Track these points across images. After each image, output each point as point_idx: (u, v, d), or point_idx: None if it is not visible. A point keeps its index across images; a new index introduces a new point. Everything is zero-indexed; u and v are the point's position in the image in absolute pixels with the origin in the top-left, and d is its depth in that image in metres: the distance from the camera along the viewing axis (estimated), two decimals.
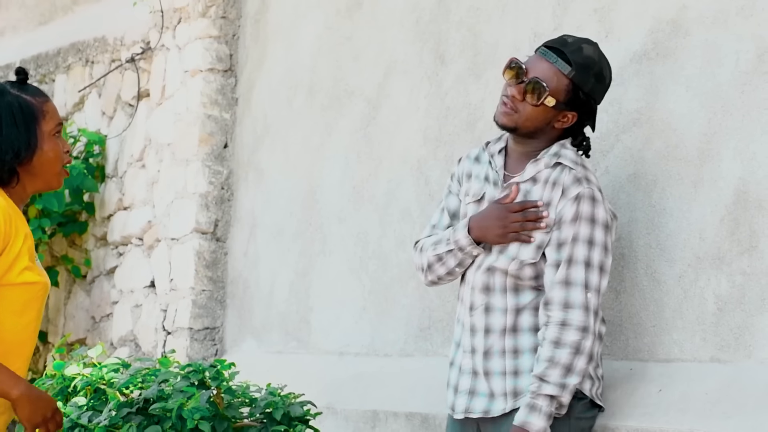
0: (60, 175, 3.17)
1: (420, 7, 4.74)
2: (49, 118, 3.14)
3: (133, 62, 6.12)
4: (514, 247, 3.46)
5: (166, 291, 5.74)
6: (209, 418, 4.01)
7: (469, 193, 3.60)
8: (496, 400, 3.47)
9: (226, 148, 5.69)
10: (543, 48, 3.53)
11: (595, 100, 3.54)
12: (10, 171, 3.09)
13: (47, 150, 3.12)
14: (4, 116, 3.07)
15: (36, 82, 7.22)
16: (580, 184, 3.44)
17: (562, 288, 3.39)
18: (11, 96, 3.10)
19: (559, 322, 3.37)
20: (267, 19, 5.58)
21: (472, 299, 3.52)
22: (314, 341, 5.10)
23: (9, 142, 3.07)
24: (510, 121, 3.50)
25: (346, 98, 5.07)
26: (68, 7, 7.22)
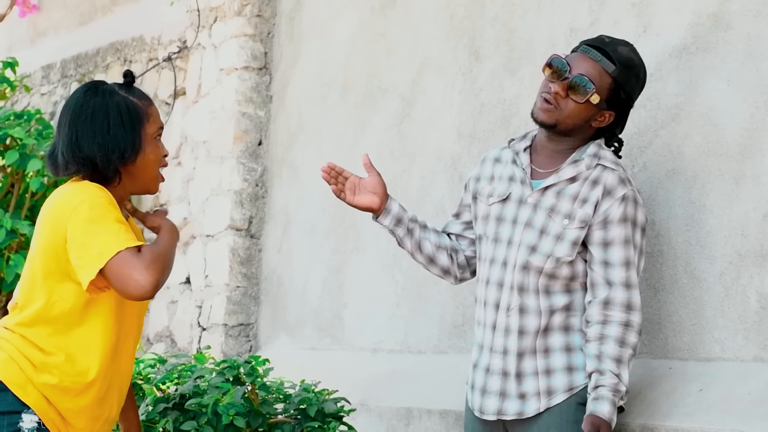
0: (157, 179, 3.12)
1: (454, 3, 4.60)
2: (153, 121, 3.09)
3: (170, 61, 6.07)
4: (548, 243, 3.32)
5: (201, 287, 5.66)
6: (244, 413, 3.96)
7: (494, 194, 3.45)
8: (528, 400, 3.34)
9: (261, 145, 5.60)
10: (585, 46, 3.40)
11: (632, 100, 3.42)
12: (114, 171, 3.03)
13: (149, 152, 3.07)
14: (112, 116, 3.03)
15: (76, 81, 7.15)
16: (624, 185, 3.33)
17: (624, 290, 3.29)
18: (119, 97, 3.06)
19: (623, 323, 3.28)
20: (301, 17, 5.48)
21: (508, 299, 3.36)
22: (347, 338, 4.99)
23: (116, 142, 3.02)
24: (550, 118, 3.36)
25: (380, 95, 4.95)
26: (107, 7, 7.17)
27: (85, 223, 2.92)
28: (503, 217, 3.41)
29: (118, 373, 3.08)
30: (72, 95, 3.09)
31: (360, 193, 3.49)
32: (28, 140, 5.82)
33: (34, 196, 5.99)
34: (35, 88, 7.61)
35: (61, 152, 3.03)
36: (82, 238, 2.92)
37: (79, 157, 3.01)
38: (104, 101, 3.04)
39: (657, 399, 3.51)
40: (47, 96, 7.50)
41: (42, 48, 7.81)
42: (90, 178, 3.03)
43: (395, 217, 3.50)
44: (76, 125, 3.03)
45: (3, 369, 2.98)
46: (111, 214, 2.93)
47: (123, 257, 2.88)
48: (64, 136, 3.04)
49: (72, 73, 7.23)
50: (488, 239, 3.42)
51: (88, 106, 3.03)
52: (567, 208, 3.33)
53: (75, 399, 3.00)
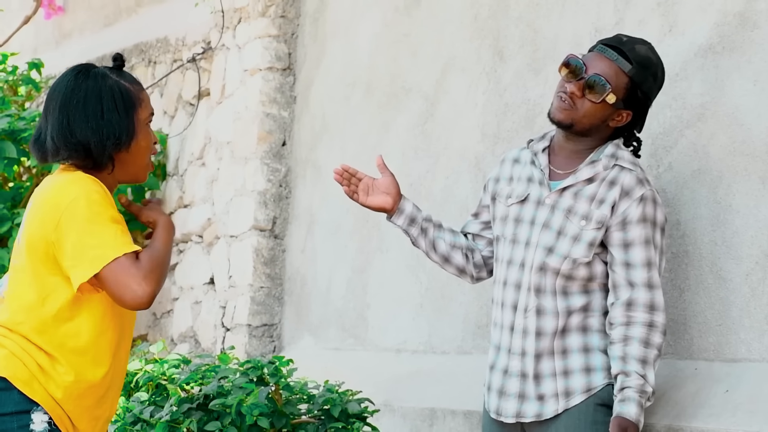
0: (147, 168, 3.00)
1: (479, 3, 4.58)
2: (145, 107, 2.97)
3: (194, 62, 6.06)
4: (565, 244, 3.29)
5: (225, 288, 5.66)
6: (268, 414, 3.94)
7: (512, 195, 3.42)
8: (547, 402, 3.31)
9: (285, 145, 5.59)
10: (601, 45, 3.37)
11: (650, 99, 3.39)
12: (109, 157, 2.91)
13: (141, 139, 2.95)
14: (105, 100, 2.90)
15: None
16: (643, 185, 3.30)
17: (647, 290, 3.26)
18: (112, 80, 2.93)
19: (647, 323, 3.25)
20: (325, 17, 5.47)
21: (525, 301, 3.33)
22: (371, 338, 4.98)
23: (111, 127, 2.90)
24: (567, 118, 3.33)
25: (404, 95, 4.94)
26: (132, 9, 7.18)
27: (82, 221, 2.80)
28: (521, 218, 3.38)
29: (118, 372, 2.99)
30: (61, 78, 2.94)
31: (373, 193, 3.48)
32: None
33: None
34: None
35: (51, 137, 2.89)
36: (76, 236, 2.79)
37: (72, 142, 2.88)
38: (97, 85, 2.90)
39: (683, 400, 3.48)
40: None
41: (67, 49, 7.82)
42: (81, 165, 2.90)
43: (408, 217, 3.48)
44: (67, 109, 2.89)
45: (5, 365, 2.87)
46: (108, 213, 2.82)
47: (121, 264, 2.77)
48: (54, 120, 2.89)
49: None
50: (506, 240, 3.39)
51: (79, 90, 2.90)
52: (584, 209, 3.30)
53: (77, 400, 2.91)
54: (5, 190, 6.17)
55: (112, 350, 2.95)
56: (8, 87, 6.73)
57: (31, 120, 6.02)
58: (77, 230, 2.80)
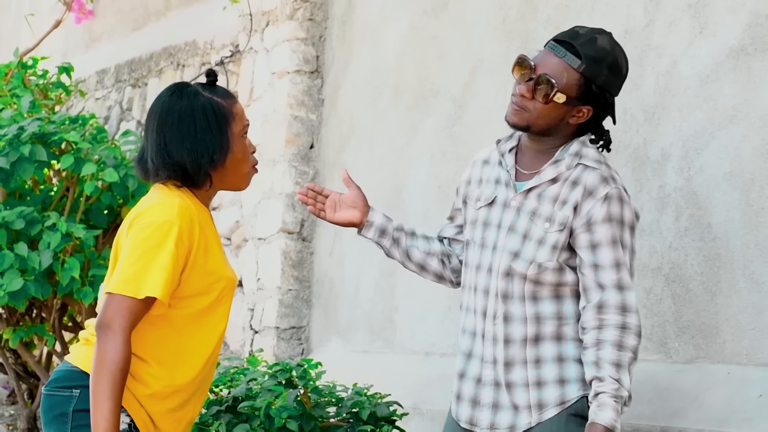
0: (248, 176, 3.05)
1: (507, 5, 4.53)
2: (238, 120, 3.01)
3: (223, 65, 6.04)
4: (531, 248, 3.17)
5: (253, 290, 5.63)
6: (296, 417, 3.92)
7: (481, 198, 3.29)
8: (520, 413, 3.18)
9: (313, 148, 5.56)
10: (552, 42, 3.21)
11: (611, 93, 3.21)
12: (205, 175, 2.97)
13: (237, 152, 2.99)
14: (198, 119, 2.96)
15: (130, 86, 7.15)
16: (607, 184, 3.15)
17: (617, 291, 3.11)
18: (204, 98, 2.98)
19: (619, 326, 3.10)
20: (353, 20, 5.43)
21: (494, 307, 3.20)
22: (400, 341, 4.93)
23: (204, 146, 2.95)
24: (521, 120, 3.19)
25: (432, 98, 4.89)
26: (161, 12, 7.17)
27: (139, 242, 2.88)
28: (489, 222, 3.25)
29: (208, 377, 3.05)
30: (157, 99, 3.01)
31: (340, 209, 3.39)
32: (82, 144, 5.81)
33: (89, 200, 5.98)
34: (90, 92, 7.62)
35: (151, 158, 2.97)
36: (128, 253, 2.89)
37: (169, 163, 2.95)
38: (189, 104, 2.96)
39: (715, 404, 3.42)
40: (101, 101, 7.51)
41: (96, 53, 7.83)
42: (182, 183, 2.97)
43: (378, 229, 3.39)
44: (163, 130, 2.96)
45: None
46: (164, 255, 2.87)
47: (124, 302, 2.86)
48: (153, 141, 2.97)
49: (126, 77, 7.23)
50: (475, 244, 3.27)
51: (173, 110, 2.96)
52: (547, 211, 3.17)
53: (161, 402, 2.97)
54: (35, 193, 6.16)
55: (205, 356, 3.00)
56: (39, 91, 6.72)
57: (60, 123, 6.01)
58: (130, 251, 2.90)
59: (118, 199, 5.86)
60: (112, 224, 5.96)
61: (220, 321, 3.02)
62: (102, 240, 5.92)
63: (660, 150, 3.83)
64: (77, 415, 2.92)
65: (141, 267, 2.87)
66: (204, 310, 2.98)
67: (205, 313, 2.98)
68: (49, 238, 5.66)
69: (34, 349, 6.15)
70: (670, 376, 3.68)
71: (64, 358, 3.05)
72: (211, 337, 3.00)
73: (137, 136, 6.15)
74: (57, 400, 2.96)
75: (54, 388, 2.97)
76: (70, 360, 3.01)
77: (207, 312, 2.98)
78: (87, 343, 3.00)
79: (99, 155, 5.81)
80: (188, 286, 2.94)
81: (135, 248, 2.89)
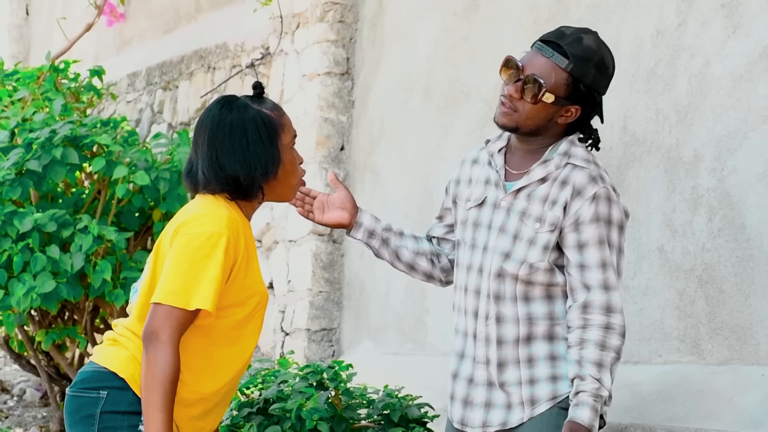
0: (296, 188, 3.04)
1: (538, 6, 4.51)
2: (287, 131, 3.00)
3: (253, 67, 6.05)
4: (521, 248, 3.16)
5: (284, 292, 5.63)
6: (328, 419, 3.91)
7: (471, 198, 3.28)
8: (513, 410, 3.18)
9: (343, 150, 5.56)
10: (539, 42, 3.20)
11: (598, 92, 3.19)
12: (258, 188, 2.97)
13: (287, 163, 2.99)
14: (250, 132, 2.95)
15: (161, 88, 7.18)
16: (595, 183, 3.13)
17: (602, 292, 3.10)
18: (254, 110, 2.97)
19: (603, 326, 3.09)
20: (383, 22, 5.43)
21: (486, 308, 3.19)
22: (430, 343, 4.92)
23: (257, 159, 2.95)
24: (510, 121, 3.18)
25: (463, 99, 4.88)
26: (191, 15, 7.19)
27: (186, 254, 2.86)
28: (479, 222, 3.24)
29: (232, 389, 3.03)
30: (206, 112, 3.00)
31: (328, 210, 3.38)
32: (114, 147, 5.84)
33: (120, 203, 6.00)
34: (121, 95, 7.65)
35: (202, 171, 2.96)
36: (171, 265, 2.87)
37: (222, 176, 2.94)
38: (240, 116, 2.95)
39: (749, 406, 3.39)
40: (133, 103, 7.54)
41: (127, 56, 7.86)
42: (232, 196, 2.96)
43: (367, 230, 3.39)
44: (215, 143, 2.95)
45: (125, 367, 2.93)
46: (212, 267, 2.86)
47: (169, 312, 2.84)
48: (204, 155, 2.96)
49: (157, 80, 7.25)
50: (466, 245, 3.25)
51: (224, 124, 2.95)
52: (537, 211, 3.15)
53: (185, 409, 2.95)
54: (68, 196, 6.19)
55: (234, 369, 2.99)
56: (70, 94, 6.75)
57: (92, 126, 6.03)
58: (178, 261, 2.87)
59: (150, 202, 5.87)
60: (144, 227, 5.98)
61: (252, 334, 3.00)
62: (133, 242, 5.94)
63: (693, 150, 3.81)
64: (105, 417, 2.91)
65: (191, 278, 2.85)
66: (239, 323, 2.97)
67: (239, 326, 2.97)
68: (80, 240, 5.68)
69: (66, 351, 6.18)
70: (703, 378, 3.66)
71: (90, 359, 3.03)
72: (242, 350, 2.99)
73: (168, 138, 6.17)
74: (84, 402, 2.94)
75: (80, 389, 2.95)
76: (96, 360, 2.99)
77: (241, 325, 2.97)
78: (114, 344, 2.99)
79: (130, 158, 5.83)
80: (227, 297, 2.93)
81: (183, 258, 2.87)
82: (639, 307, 3.95)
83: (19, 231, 5.67)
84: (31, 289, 5.63)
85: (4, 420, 6.37)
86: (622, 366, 3.99)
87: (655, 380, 3.81)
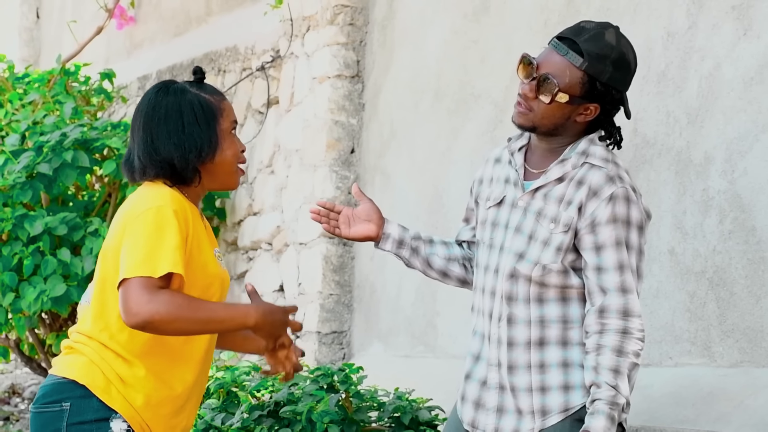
0: (236, 174, 3.01)
1: (549, 9, 4.52)
2: (226, 116, 2.99)
3: (263, 70, 6.07)
4: (536, 249, 3.11)
5: (294, 295, 5.65)
6: (338, 421, 3.92)
7: (490, 198, 3.22)
8: (524, 418, 3.12)
9: (353, 153, 5.57)
10: (555, 40, 3.13)
11: (617, 89, 3.11)
12: (194, 170, 2.95)
13: (225, 148, 2.97)
14: (186, 115, 2.93)
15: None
16: (613, 183, 3.06)
17: (619, 295, 3.05)
18: (191, 94, 2.96)
19: (620, 330, 3.03)
20: (394, 25, 5.44)
21: (499, 309, 3.14)
22: (441, 345, 4.93)
23: (192, 141, 2.93)
24: (527, 121, 3.12)
25: (473, 102, 4.89)
26: (202, 18, 7.21)
27: (141, 232, 2.82)
28: (498, 222, 3.19)
29: (200, 383, 2.99)
30: (143, 97, 2.99)
31: (355, 224, 3.33)
32: (124, 150, 5.87)
33: None
34: (131, 98, 7.68)
35: (138, 156, 2.94)
36: (129, 244, 2.83)
37: (156, 160, 2.92)
38: (176, 100, 2.94)
39: (760, 409, 3.40)
40: None
41: (138, 59, 7.88)
42: (170, 181, 2.94)
43: (396, 240, 3.33)
44: (150, 127, 2.93)
45: (85, 373, 2.88)
46: (168, 234, 2.83)
47: (135, 284, 2.77)
48: (139, 140, 2.94)
49: None
50: (484, 245, 3.20)
51: (160, 107, 2.94)
52: (553, 212, 3.10)
53: (155, 409, 2.90)
54: (78, 199, 6.22)
55: (199, 361, 2.95)
56: (81, 97, 6.78)
57: (102, 130, 6.06)
58: (131, 241, 2.83)
59: None
60: None
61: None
62: None
63: (703, 153, 3.82)
64: (72, 429, 2.85)
65: (150, 248, 2.81)
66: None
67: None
68: (91, 243, 5.71)
69: None
70: (714, 381, 3.66)
71: (49, 372, 2.97)
72: (202, 340, 2.93)
73: None
74: (47, 417, 2.88)
75: (42, 404, 2.89)
76: (54, 372, 2.92)
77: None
78: (70, 351, 2.93)
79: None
80: (189, 283, 2.89)
81: (138, 235, 2.82)
82: (650, 309, 3.96)
83: (30, 234, 5.70)
84: (42, 293, 5.65)
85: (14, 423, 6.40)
86: None
87: (666, 383, 3.82)
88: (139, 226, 2.83)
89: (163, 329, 2.78)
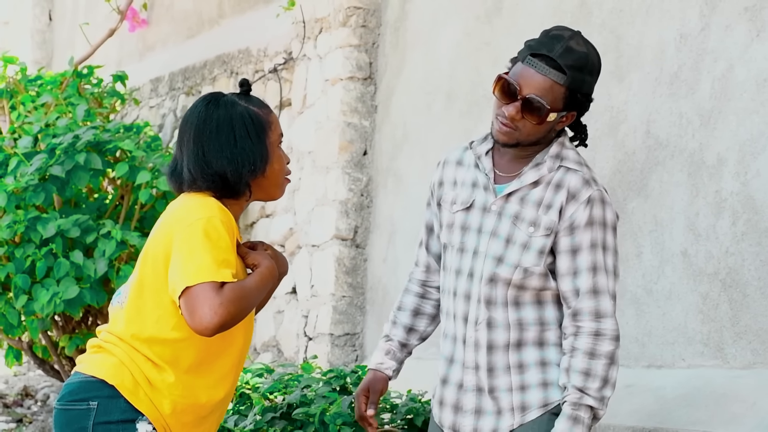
0: (283, 186, 3.02)
1: (561, 10, 4.54)
2: (275, 129, 2.98)
3: (276, 72, 6.09)
4: (515, 253, 3.14)
5: (307, 297, 5.67)
6: (351, 423, 3.93)
7: (457, 201, 3.23)
8: (503, 416, 3.16)
9: (366, 155, 5.59)
10: (530, 58, 3.13)
11: (590, 93, 3.16)
12: (246, 185, 2.94)
13: (274, 162, 2.97)
14: (237, 128, 2.93)
15: (183, 93, 7.23)
16: (590, 186, 3.11)
17: (591, 297, 3.09)
18: (241, 107, 2.95)
19: (592, 332, 3.08)
20: (406, 26, 5.46)
21: (476, 313, 3.17)
22: None
23: (245, 155, 2.92)
24: (511, 139, 3.15)
25: (485, 104, 4.91)
26: (214, 20, 7.24)
27: (193, 243, 2.83)
28: (468, 226, 3.20)
29: (227, 399, 3.00)
30: (192, 109, 2.97)
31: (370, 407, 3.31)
32: (137, 152, 5.90)
33: (144, 208, 6.06)
34: (144, 101, 7.71)
35: (188, 169, 2.93)
36: (183, 255, 2.83)
37: (208, 173, 2.91)
38: (227, 113, 2.93)
39: None
40: (156, 109, 7.60)
41: (150, 61, 7.91)
42: (219, 194, 2.93)
43: (396, 369, 3.40)
44: (201, 140, 2.92)
45: (114, 373, 2.89)
46: (222, 243, 2.84)
47: (202, 289, 2.78)
48: (189, 152, 2.93)
49: (180, 85, 7.31)
50: (453, 249, 3.22)
51: (211, 120, 2.93)
52: (531, 215, 3.13)
53: (179, 416, 2.92)
54: (91, 201, 6.25)
55: (229, 374, 2.97)
56: (93, 99, 6.82)
57: (115, 132, 6.09)
58: (186, 250, 2.84)
59: None
60: None
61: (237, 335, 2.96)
62: None
63: (716, 154, 3.83)
64: (98, 428, 2.86)
65: (207, 255, 2.82)
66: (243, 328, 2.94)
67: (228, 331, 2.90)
68: (104, 245, 5.74)
69: None
70: (727, 382, 3.67)
71: (74, 370, 2.96)
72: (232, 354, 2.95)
73: None
74: (74, 415, 2.88)
75: (69, 401, 2.88)
76: (82, 370, 2.92)
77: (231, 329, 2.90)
78: (99, 351, 2.94)
79: (153, 163, 5.89)
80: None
81: (193, 244, 2.83)
82: (662, 311, 3.97)
83: (43, 236, 5.73)
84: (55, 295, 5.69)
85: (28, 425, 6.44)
86: (645, 370, 4.01)
87: (679, 384, 3.83)
88: (192, 236, 2.83)
89: (237, 321, 2.83)
